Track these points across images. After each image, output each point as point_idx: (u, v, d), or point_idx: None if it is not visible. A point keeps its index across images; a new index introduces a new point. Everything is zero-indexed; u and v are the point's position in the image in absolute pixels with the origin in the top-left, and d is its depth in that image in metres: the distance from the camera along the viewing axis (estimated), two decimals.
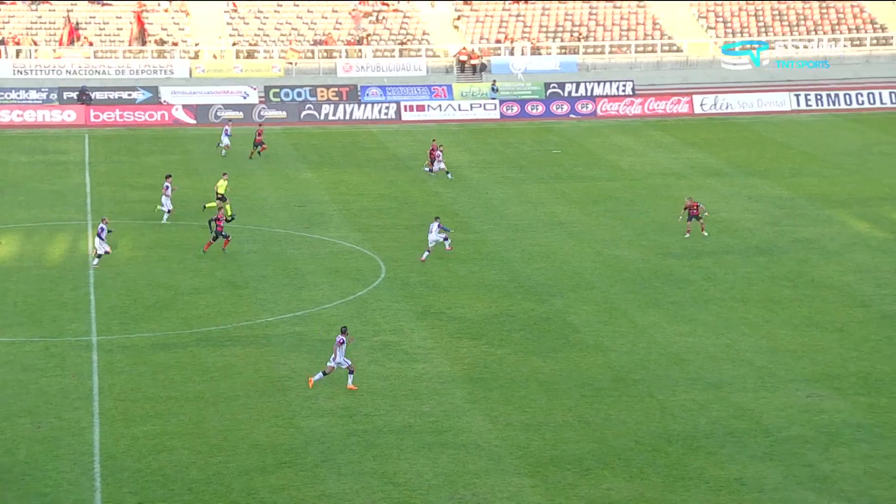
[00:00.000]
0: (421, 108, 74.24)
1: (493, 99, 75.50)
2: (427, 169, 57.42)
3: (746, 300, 39.03)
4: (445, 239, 43.43)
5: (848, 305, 38.41)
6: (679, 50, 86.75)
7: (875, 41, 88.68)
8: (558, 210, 50.94)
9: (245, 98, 74.73)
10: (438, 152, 56.98)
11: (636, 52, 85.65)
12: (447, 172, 56.33)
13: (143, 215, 49.79)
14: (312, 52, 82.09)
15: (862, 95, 77.46)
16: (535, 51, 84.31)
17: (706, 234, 46.13)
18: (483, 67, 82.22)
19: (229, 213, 46.86)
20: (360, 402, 30.74)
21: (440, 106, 74.64)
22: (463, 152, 63.31)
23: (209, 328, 36.28)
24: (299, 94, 75.52)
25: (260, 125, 63.48)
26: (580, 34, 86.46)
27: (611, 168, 59.54)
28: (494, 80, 77.70)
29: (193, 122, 71.76)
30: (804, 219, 49.13)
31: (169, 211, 48.37)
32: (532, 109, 74.88)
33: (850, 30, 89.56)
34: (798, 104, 76.64)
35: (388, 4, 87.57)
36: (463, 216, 49.76)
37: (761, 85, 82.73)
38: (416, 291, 39.80)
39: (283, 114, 73.01)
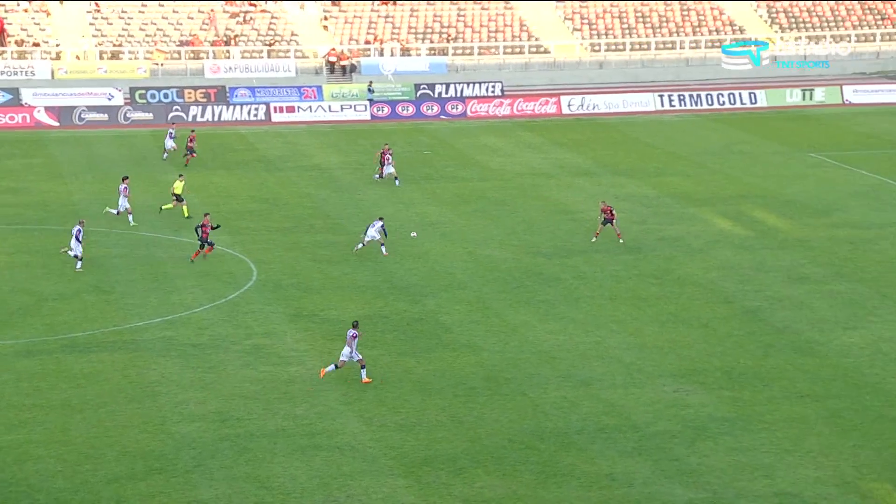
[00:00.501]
0: (291, 110, 73.85)
1: (370, 100, 75.44)
2: (377, 176, 56.30)
3: (615, 298, 39.65)
4: (382, 244, 43.58)
5: (712, 302, 39.26)
6: (546, 51, 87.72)
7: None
8: (430, 210, 51.15)
9: (110, 100, 73.55)
10: (388, 156, 56.20)
11: (504, 53, 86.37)
12: (395, 178, 55.56)
13: (4, 219, 48.70)
14: (179, 52, 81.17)
15: (723, 96, 79.17)
16: (405, 52, 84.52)
17: (622, 241, 45.48)
18: (353, 69, 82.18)
19: (186, 214, 46.82)
20: (233, 406, 30.51)
21: (310, 107, 74.33)
22: (334, 154, 63.17)
23: (75, 334, 35.67)
24: (166, 96, 74.58)
25: (192, 131, 61.64)
26: (449, 35, 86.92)
27: (481, 168, 59.96)
28: (371, 81, 77.65)
29: (56, 124, 70.37)
30: (669, 217, 50.05)
31: (126, 210, 47.64)
32: (402, 110, 75.01)
33: (710, 31, 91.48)
34: (662, 104, 78.05)
35: (255, 5, 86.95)
36: (335, 217, 49.67)
37: (627, 86, 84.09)
38: (288, 293, 39.62)
39: (149, 115, 71.98)
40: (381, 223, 43.64)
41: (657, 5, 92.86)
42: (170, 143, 60.74)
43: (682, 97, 78.86)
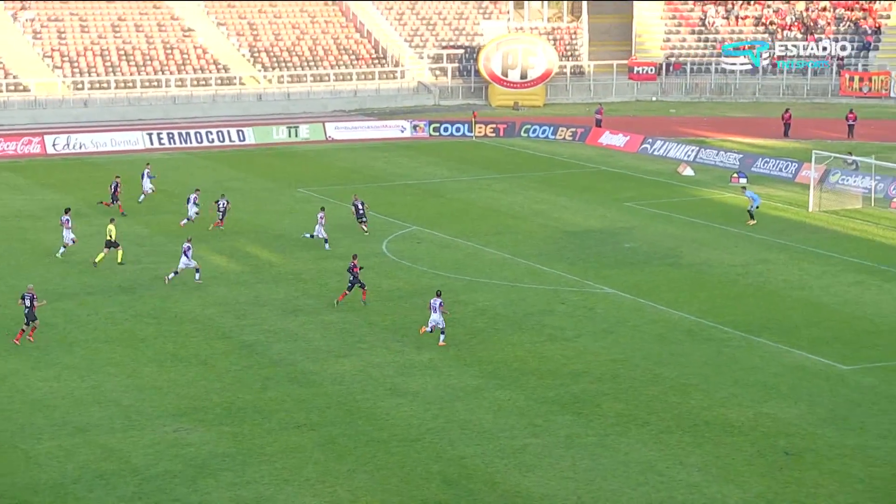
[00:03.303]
0: None
1: None
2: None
3: (111, 340, 38.92)
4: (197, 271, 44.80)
5: (210, 338, 39.44)
6: (26, 89, 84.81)
7: (220, 81, 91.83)
8: None
9: None
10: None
11: None
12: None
13: None
14: None
15: (212, 133, 79.83)
16: None
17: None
18: None
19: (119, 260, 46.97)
20: None
21: None
22: None
23: None
24: None
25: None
26: None
27: None
28: None
29: None
30: (164, 255, 49.75)
31: (73, 242, 48.22)
32: None
33: (195, 70, 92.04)
34: (151, 143, 77.58)
35: None
36: None
37: (115, 124, 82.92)
38: None
39: None
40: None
41: (140, 43, 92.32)
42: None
43: (171, 135, 78.79)
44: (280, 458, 30.02)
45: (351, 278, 42.86)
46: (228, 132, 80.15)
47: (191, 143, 78.57)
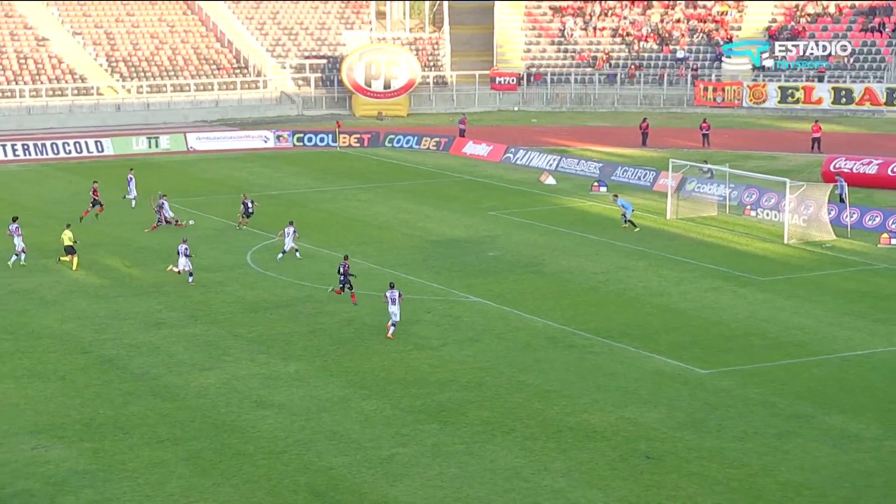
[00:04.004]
0: None
1: None
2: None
3: None
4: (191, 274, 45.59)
5: (69, 353, 38.67)
6: None
7: (76, 91, 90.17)
8: None
9: None
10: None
11: None
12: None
13: None
14: None
15: (68, 144, 78.32)
16: None
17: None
18: None
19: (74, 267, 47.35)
20: None
21: None
22: None
23: None
24: None
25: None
26: None
27: None
28: None
29: None
30: (21, 269, 48.67)
31: (23, 251, 48.66)
32: None
33: (50, 80, 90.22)
34: (6, 154, 75.86)
35: None
36: None
37: None
38: None
39: None
40: None
41: None
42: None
43: (25, 146, 77.11)
44: (143, 474, 29.56)
45: (341, 278, 43.44)
46: (86, 143, 78.72)
47: (47, 154, 76.98)
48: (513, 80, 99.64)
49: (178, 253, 47.01)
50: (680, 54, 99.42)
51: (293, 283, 47.32)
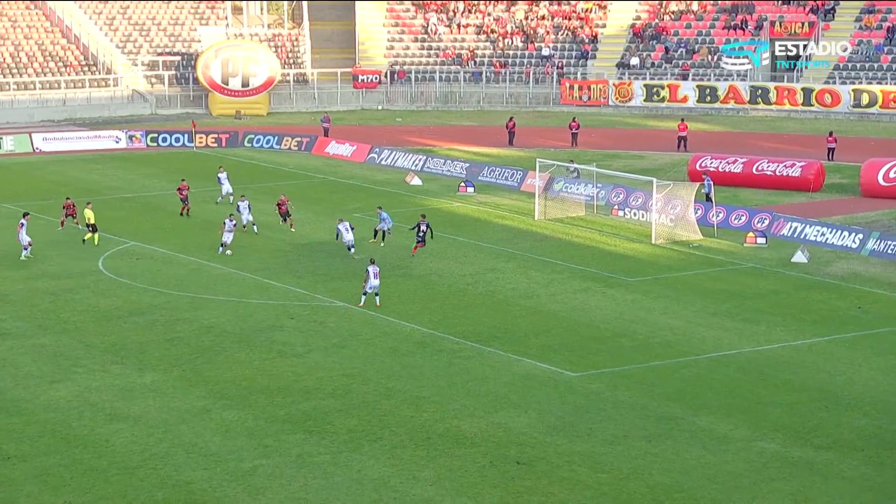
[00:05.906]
0: None
1: None
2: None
3: None
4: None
5: None
6: None
7: None
8: None
9: None
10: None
11: None
12: None
13: None
14: None
15: None
16: None
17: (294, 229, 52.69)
18: None
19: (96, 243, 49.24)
20: None
21: None
22: None
23: None
24: None
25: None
26: None
27: None
28: None
29: None
30: None
31: (30, 244, 49.01)
32: None
33: None
34: None
35: None
36: None
37: None
38: None
39: None
40: None
41: None
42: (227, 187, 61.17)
43: None
44: None
45: (419, 236, 49.70)
46: None
47: None
48: (376, 78, 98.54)
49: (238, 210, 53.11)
50: (545, 52, 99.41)
51: (148, 289, 45.57)
